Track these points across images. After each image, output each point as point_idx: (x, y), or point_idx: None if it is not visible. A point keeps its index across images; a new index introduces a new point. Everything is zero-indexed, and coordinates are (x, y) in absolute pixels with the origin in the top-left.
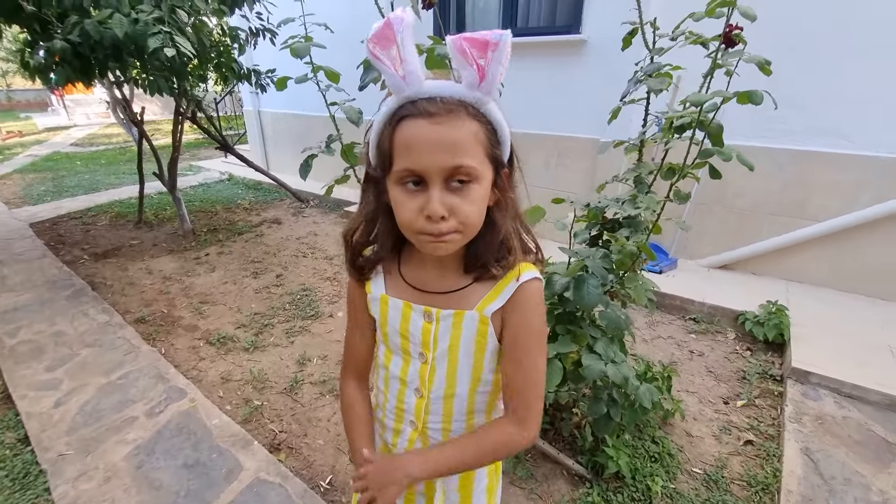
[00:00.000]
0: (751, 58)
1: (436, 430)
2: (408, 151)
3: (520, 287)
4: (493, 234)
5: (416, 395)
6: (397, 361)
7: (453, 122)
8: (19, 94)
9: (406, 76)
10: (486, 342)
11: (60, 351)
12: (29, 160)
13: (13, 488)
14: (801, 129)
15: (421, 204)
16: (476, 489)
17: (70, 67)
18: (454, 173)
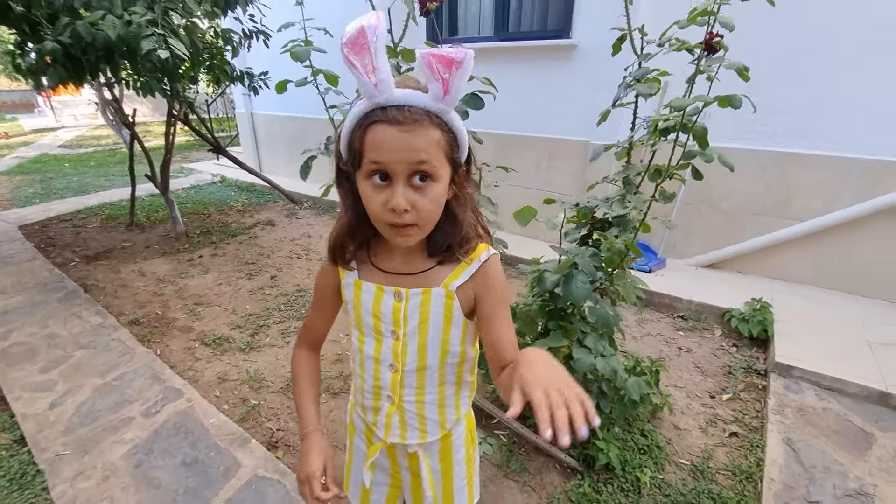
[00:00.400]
0: (730, 64)
1: (410, 403)
2: (377, 152)
3: (485, 263)
4: (453, 223)
5: (390, 371)
6: (371, 343)
7: (418, 130)
8: (4, 96)
9: (378, 84)
10: (453, 315)
11: (54, 353)
12: (16, 162)
13: (10, 488)
14: (783, 132)
15: (386, 198)
16: (455, 458)
17: (62, 69)
18: (416, 171)
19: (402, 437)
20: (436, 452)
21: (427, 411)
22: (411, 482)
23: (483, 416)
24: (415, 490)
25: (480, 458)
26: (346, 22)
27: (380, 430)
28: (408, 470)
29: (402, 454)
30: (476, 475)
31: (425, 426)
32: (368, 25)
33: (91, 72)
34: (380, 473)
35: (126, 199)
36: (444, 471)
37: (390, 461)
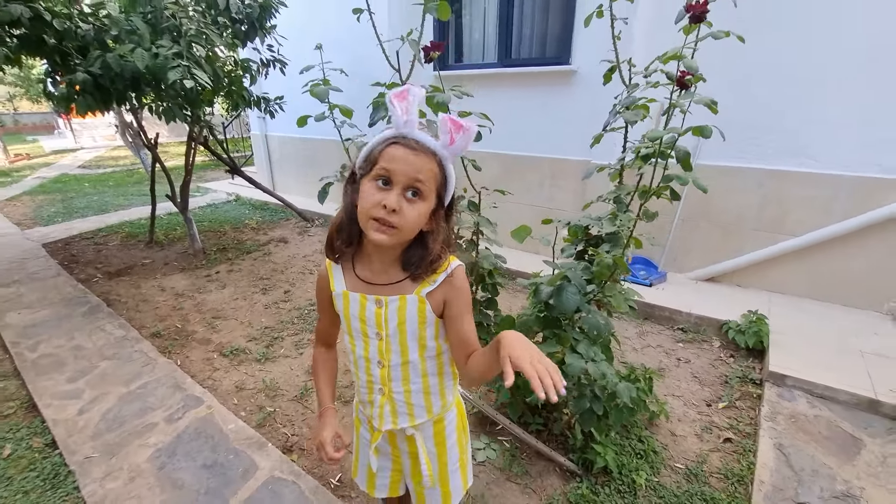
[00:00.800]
0: (700, 99)
1: (399, 393)
2: (389, 160)
3: (452, 274)
4: (424, 249)
5: (379, 367)
6: (360, 344)
7: (424, 158)
8: (26, 118)
9: (407, 122)
10: (426, 316)
11: (80, 363)
12: (37, 182)
13: (44, 487)
14: (774, 151)
15: (382, 197)
16: (448, 443)
17: (91, 97)
18: (412, 185)
19: (395, 423)
20: (430, 437)
21: (413, 399)
22: (411, 466)
23: (487, 422)
24: (414, 473)
25: (484, 462)
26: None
27: (375, 421)
28: (407, 454)
29: (402, 439)
30: (469, 461)
31: (413, 411)
32: (411, 89)
33: (118, 99)
34: (383, 459)
35: (144, 218)
36: (438, 454)
37: (392, 447)
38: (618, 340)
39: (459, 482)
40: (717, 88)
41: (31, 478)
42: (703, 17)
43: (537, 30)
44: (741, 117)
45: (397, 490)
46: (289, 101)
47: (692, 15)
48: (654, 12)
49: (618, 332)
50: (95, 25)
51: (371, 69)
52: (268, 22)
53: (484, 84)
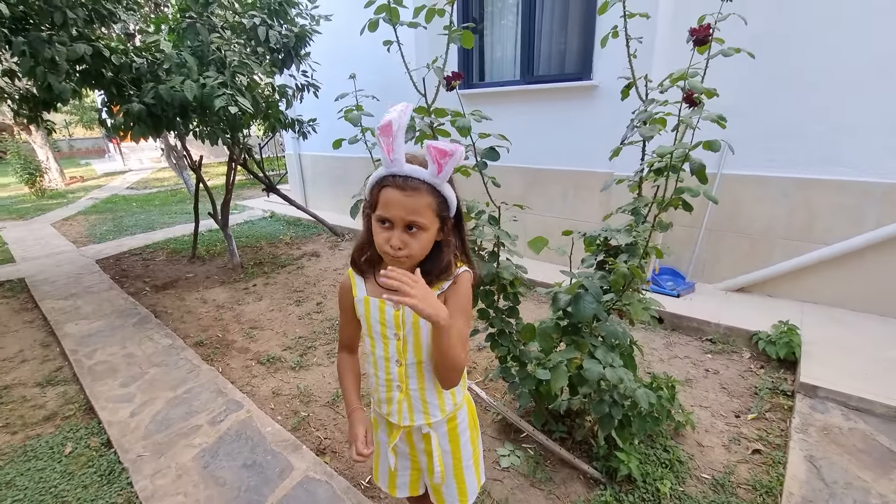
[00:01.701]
0: (708, 115)
1: (414, 390)
2: (385, 207)
3: (459, 275)
4: (438, 259)
5: (397, 366)
6: (380, 345)
7: (415, 196)
8: (80, 143)
9: (393, 161)
10: None
11: (132, 370)
12: (91, 203)
13: (101, 482)
14: (803, 159)
15: (388, 237)
16: (461, 441)
17: (144, 125)
18: (409, 223)
19: (411, 419)
20: (445, 434)
21: (428, 396)
22: (427, 464)
23: (511, 429)
24: (431, 471)
25: (508, 469)
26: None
27: (393, 417)
28: (424, 452)
29: (418, 437)
30: (481, 458)
31: (428, 409)
32: (395, 119)
33: (167, 126)
34: (402, 459)
35: (187, 235)
36: (452, 451)
37: (409, 447)
38: (641, 350)
39: (474, 478)
40: (742, 98)
41: (90, 473)
42: (706, 41)
43: (558, 47)
44: (767, 126)
45: (417, 489)
46: (321, 122)
47: (696, 39)
48: (673, 28)
49: (644, 343)
50: (149, 59)
51: (398, 91)
52: (302, 50)
53: (507, 101)
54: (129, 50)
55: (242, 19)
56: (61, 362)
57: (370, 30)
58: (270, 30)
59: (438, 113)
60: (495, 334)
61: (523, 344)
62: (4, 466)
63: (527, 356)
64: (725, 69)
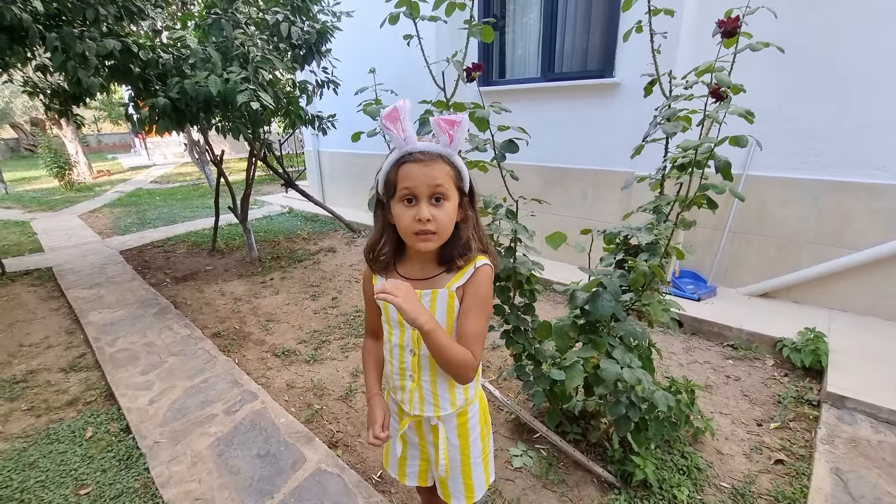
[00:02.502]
0: (735, 109)
1: (426, 381)
2: (407, 179)
3: (478, 268)
4: (457, 239)
5: (411, 355)
6: (396, 333)
7: (434, 165)
8: (107, 138)
9: (406, 139)
10: (454, 310)
11: (151, 358)
12: (116, 196)
13: (119, 467)
14: (835, 161)
15: (414, 213)
16: (471, 437)
17: (169, 119)
18: (434, 192)
19: (421, 409)
20: (454, 428)
21: (439, 389)
22: (435, 457)
23: (525, 430)
24: (437, 463)
25: (521, 469)
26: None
27: (405, 405)
28: (432, 445)
29: (427, 429)
30: (490, 456)
31: (438, 402)
32: (400, 106)
33: (191, 120)
34: (411, 449)
35: (208, 228)
36: (461, 446)
37: (419, 437)
38: (659, 352)
39: (482, 476)
40: (770, 97)
41: (109, 458)
42: (734, 33)
43: (580, 44)
44: (796, 126)
45: (425, 480)
46: (339, 118)
47: (724, 31)
48: (698, 23)
49: (663, 347)
50: (175, 55)
51: (418, 86)
52: (324, 46)
53: (527, 98)
54: (156, 46)
55: (266, 15)
56: (84, 349)
57: (390, 23)
58: (293, 26)
59: (457, 107)
60: (510, 331)
61: (539, 342)
62: (28, 448)
63: (542, 354)
64: (753, 66)
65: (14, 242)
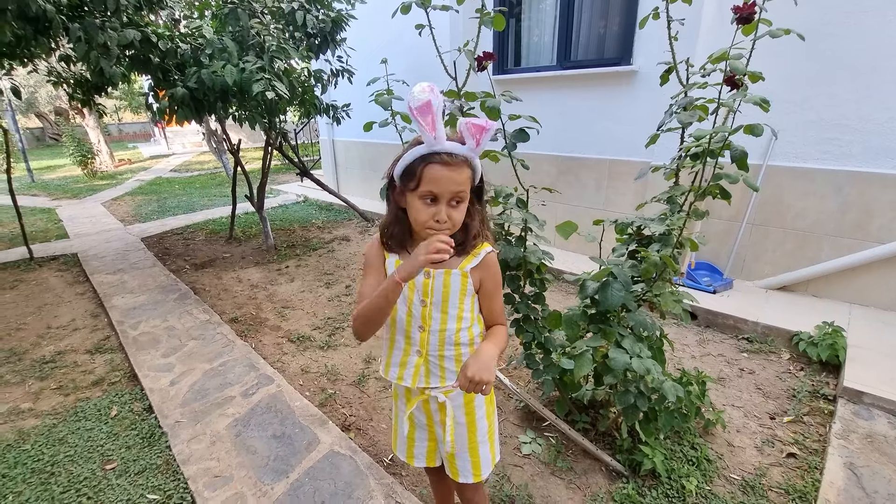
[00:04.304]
0: (750, 98)
1: (434, 356)
2: (432, 182)
3: (487, 255)
4: (467, 227)
5: (420, 331)
6: (404, 309)
7: (459, 170)
8: (127, 127)
9: (436, 137)
10: (467, 289)
11: (172, 342)
12: (137, 184)
13: (143, 444)
14: (860, 151)
15: (433, 212)
16: (477, 415)
17: (187, 109)
18: (455, 196)
19: (427, 382)
20: (461, 406)
21: (446, 363)
22: (442, 435)
23: (534, 417)
24: (444, 442)
25: (529, 456)
26: (412, 67)
27: (406, 381)
28: (440, 424)
29: (435, 408)
30: (496, 436)
31: (444, 374)
32: (434, 99)
33: (209, 110)
34: (419, 430)
35: (225, 216)
36: (468, 424)
37: (426, 417)
38: (671, 344)
39: (488, 454)
40: (792, 85)
41: (133, 436)
42: (751, 19)
43: (597, 31)
44: (819, 115)
45: (434, 460)
46: (354, 107)
47: (740, 17)
48: (718, 10)
49: (676, 339)
50: (192, 45)
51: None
52: (338, 35)
53: (541, 87)
54: (174, 36)
55: (281, 4)
56: (109, 332)
57: (402, 12)
58: (308, 14)
59: (468, 97)
60: (520, 320)
61: (549, 331)
62: (58, 424)
63: (552, 344)
64: (774, 53)
65: (41, 229)
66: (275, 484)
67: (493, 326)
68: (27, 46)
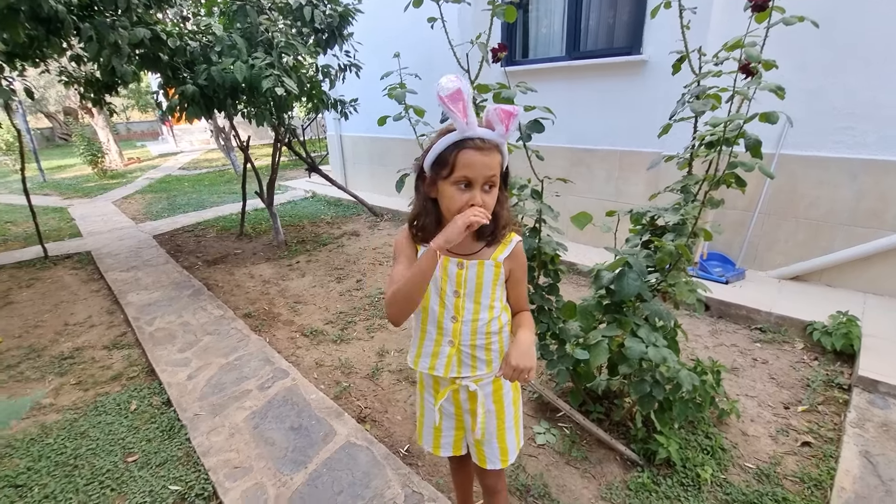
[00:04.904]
0: (766, 85)
1: (466, 346)
2: (467, 167)
3: (517, 246)
4: (496, 217)
5: (452, 322)
6: (436, 300)
7: (491, 155)
8: (136, 126)
9: (468, 124)
10: (499, 279)
11: (187, 337)
12: (147, 182)
13: (163, 437)
14: (875, 140)
15: (468, 198)
16: (505, 401)
17: (197, 106)
18: (488, 181)
19: (458, 371)
20: (490, 394)
21: (477, 352)
22: (471, 423)
23: (548, 408)
24: (473, 430)
25: (544, 446)
26: (423, 60)
27: (438, 370)
28: (468, 412)
29: (465, 397)
30: (521, 421)
31: (475, 363)
32: (462, 89)
33: (218, 107)
34: (447, 420)
35: (235, 213)
36: (497, 411)
37: (455, 407)
38: (685, 334)
39: (514, 439)
40: (806, 73)
41: (153, 429)
42: (765, 6)
43: (606, 21)
44: (833, 103)
45: (460, 448)
46: (361, 102)
47: (755, 4)
48: None
49: (688, 330)
50: (202, 42)
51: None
52: (346, 29)
53: (551, 78)
54: (183, 33)
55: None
56: (125, 328)
57: (415, 6)
58: (315, 9)
59: (481, 89)
60: (535, 311)
61: (563, 322)
62: (79, 419)
63: (566, 334)
64: (788, 41)
65: (54, 228)
66: (294, 474)
67: (520, 313)
68: (39, 47)
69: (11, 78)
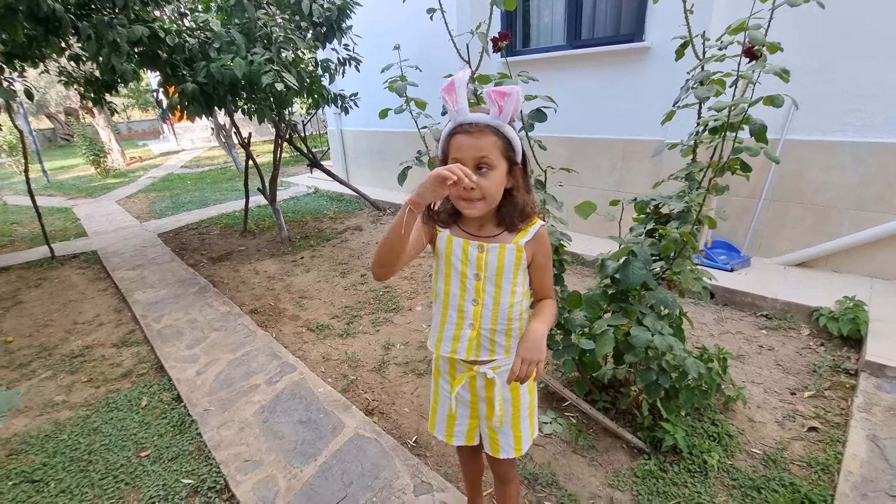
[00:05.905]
0: (771, 68)
1: (486, 329)
2: (456, 150)
3: (539, 231)
4: (512, 204)
5: (473, 305)
6: (456, 283)
7: (481, 136)
8: (137, 125)
9: (458, 111)
10: (520, 264)
11: (195, 333)
12: (149, 181)
13: (174, 432)
14: (883, 122)
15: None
16: (521, 390)
17: (198, 103)
18: (479, 162)
19: (477, 355)
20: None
21: (497, 336)
22: (486, 412)
23: (554, 398)
24: (489, 418)
25: (551, 435)
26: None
27: (460, 353)
28: (484, 400)
29: (482, 384)
30: (536, 411)
31: (494, 348)
32: (457, 79)
33: (218, 104)
34: (462, 408)
35: (238, 210)
36: (512, 399)
37: (471, 394)
38: (690, 321)
39: (528, 428)
40: (812, 56)
41: (164, 424)
42: None
43: (607, 7)
44: (839, 87)
45: (472, 438)
46: (361, 96)
47: None
48: None
49: (694, 317)
50: (200, 39)
51: (440, 60)
52: (344, 23)
53: (551, 67)
54: (182, 30)
55: None
56: (133, 326)
57: None
58: (314, 3)
59: (482, 80)
60: None
61: (568, 311)
62: (91, 415)
63: (571, 324)
64: (793, 23)
65: (60, 228)
66: (304, 466)
67: (542, 301)
68: (38, 47)
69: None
